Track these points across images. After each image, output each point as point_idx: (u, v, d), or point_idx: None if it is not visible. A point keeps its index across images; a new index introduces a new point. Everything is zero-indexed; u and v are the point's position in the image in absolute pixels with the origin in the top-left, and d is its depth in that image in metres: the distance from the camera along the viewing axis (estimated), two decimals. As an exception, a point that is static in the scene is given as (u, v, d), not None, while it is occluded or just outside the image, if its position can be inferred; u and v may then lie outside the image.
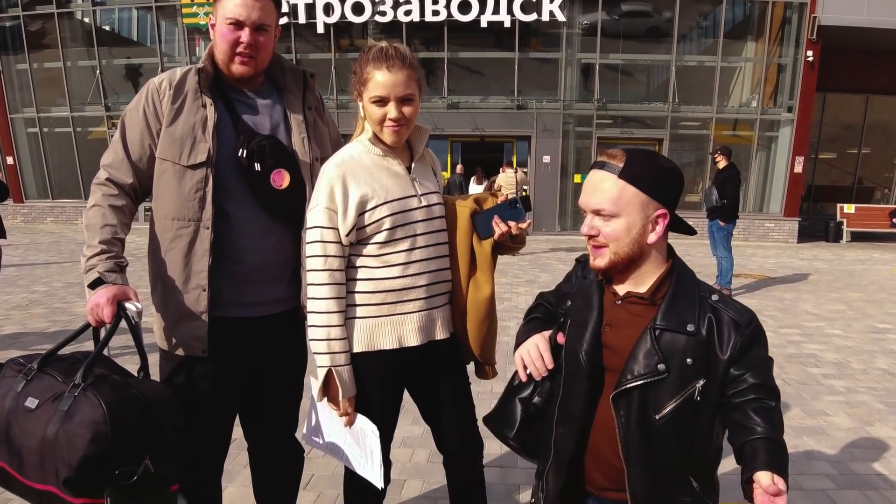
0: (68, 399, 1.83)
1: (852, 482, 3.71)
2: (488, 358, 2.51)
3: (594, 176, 1.74)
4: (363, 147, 2.29)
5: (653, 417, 1.68)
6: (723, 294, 1.78)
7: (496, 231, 2.36)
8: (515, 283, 10.50)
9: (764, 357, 1.70)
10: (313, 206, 2.22)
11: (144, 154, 2.25)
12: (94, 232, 2.14)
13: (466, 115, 18.50)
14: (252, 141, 2.26)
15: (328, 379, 2.23)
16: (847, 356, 6.45)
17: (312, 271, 2.20)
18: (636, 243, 1.72)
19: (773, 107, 18.66)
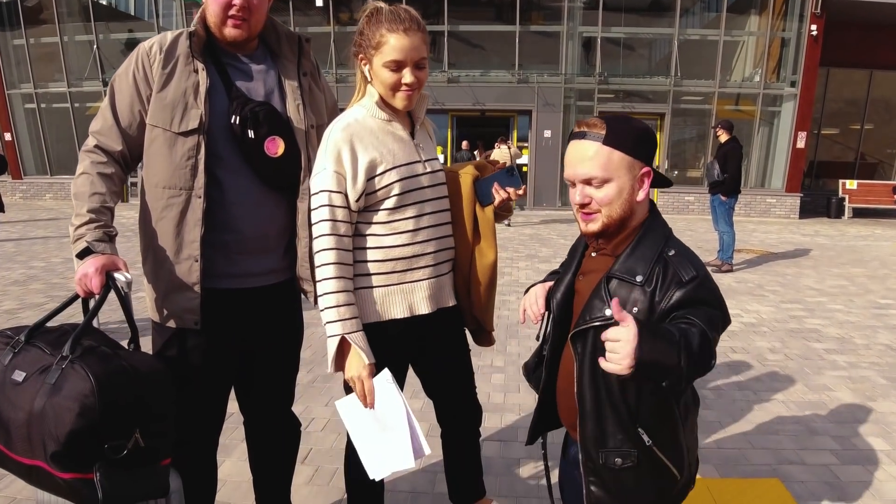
0: (56, 371, 1.77)
1: (855, 457, 3.67)
2: (490, 324, 2.50)
3: (578, 146, 1.77)
4: (367, 111, 2.22)
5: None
6: (683, 250, 1.78)
7: (496, 198, 2.36)
8: (516, 258, 10.44)
9: (707, 307, 1.66)
10: (320, 170, 2.14)
11: (134, 120, 2.17)
12: (83, 200, 2.07)
13: (467, 89, 18.37)
14: (245, 107, 2.18)
15: (341, 348, 2.14)
16: (849, 331, 6.41)
17: (320, 237, 2.12)
18: (627, 203, 1.77)
19: (775, 81, 18.51)
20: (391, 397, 2.21)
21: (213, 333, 2.24)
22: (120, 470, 1.78)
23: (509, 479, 3.39)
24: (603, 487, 1.81)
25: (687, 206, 18.65)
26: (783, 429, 4.05)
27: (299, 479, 3.29)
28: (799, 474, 3.47)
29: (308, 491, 3.23)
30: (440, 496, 3.13)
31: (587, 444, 1.80)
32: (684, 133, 19.36)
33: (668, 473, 1.79)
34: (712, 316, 1.66)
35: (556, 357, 1.99)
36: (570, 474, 2.05)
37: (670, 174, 19.01)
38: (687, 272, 1.69)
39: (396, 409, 2.22)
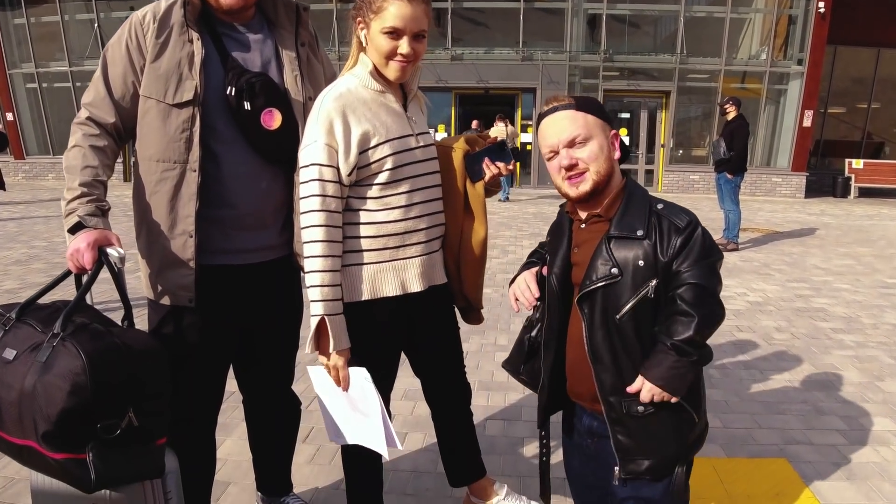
0: (47, 349, 1.72)
1: (863, 438, 3.62)
2: (479, 301, 2.47)
3: (555, 117, 1.93)
4: (360, 81, 2.13)
5: (613, 318, 1.86)
6: (668, 203, 1.93)
7: (487, 173, 2.31)
8: (520, 237, 10.38)
9: (702, 254, 1.82)
10: (310, 142, 2.05)
11: (127, 92, 2.10)
12: (74, 174, 2.01)
13: (470, 66, 18.22)
14: (241, 78, 2.11)
15: (320, 328, 2.08)
16: (856, 311, 6.35)
17: (309, 213, 2.04)
18: (608, 161, 1.92)
19: (782, 59, 18.34)
20: (367, 394, 2.17)
21: (209, 311, 2.18)
22: (113, 450, 1.74)
23: (513, 459, 3.35)
24: (628, 435, 1.91)
25: (692, 184, 18.53)
26: (790, 408, 4.00)
27: (301, 458, 3.26)
28: (806, 454, 3.42)
29: (309, 470, 3.19)
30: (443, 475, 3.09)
31: (608, 397, 1.90)
32: (689, 111, 19.21)
33: (688, 416, 1.91)
34: (712, 264, 1.83)
35: (561, 333, 2.03)
36: (579, 446, 2.15)
37: (675, 153, 18.89)
38: (681, 219, 1.85)
39: (371, 404, 2.18)
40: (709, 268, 1.82)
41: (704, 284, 1.79)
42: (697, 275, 1.79)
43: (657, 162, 18.95)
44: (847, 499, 3.01)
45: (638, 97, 18.90)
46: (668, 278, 1.83)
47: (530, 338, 2.21)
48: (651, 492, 1.97)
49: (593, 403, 1.98)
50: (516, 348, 2.29)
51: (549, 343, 2.05)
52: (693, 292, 1.78)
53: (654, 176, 19.04)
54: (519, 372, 2.27)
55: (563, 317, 2.01)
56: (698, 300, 1.77)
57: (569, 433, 2.23)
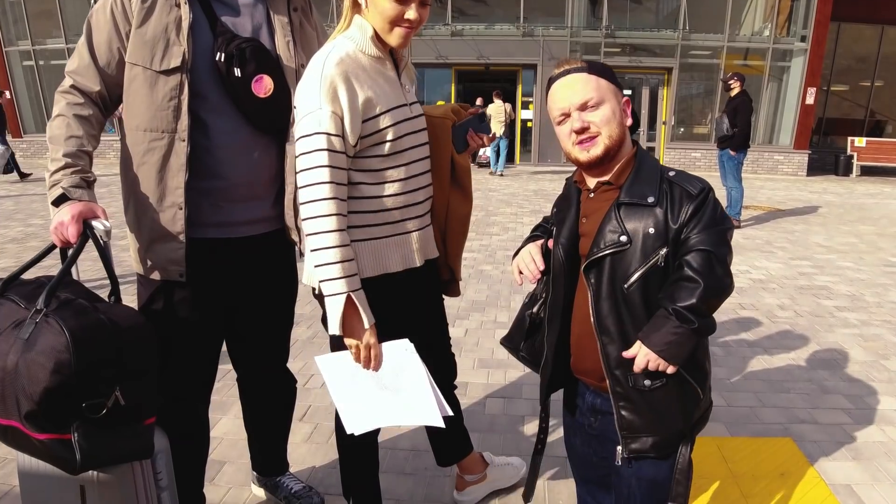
0: (30, 326, 1.65)
1: (869, 417, 3.57)
2: (459, 272, 2.42)
3: (567, 80, 1.86)
4: (357, 45, 1.99)
5: (621, 288, 1.80)
6: (680, 171, 1.87)
7: (472, 144, 2.26)
8: (520, 213, 10.27)
9: (713, 222, 1.76)
10: (312, 110, 1.88)
11: (113, 58, 2.01)
12: (58, 144, 1.92)
13: (471, 42, 18.02)
14: (231, 44, 2.01)
15: (347, 308, 1.94)
16: (860, 289, 6.28)
17: (314, 185, 1.88)
18: (620, 126, 1.86)
19: (785, 36, 18.15)
20: (408, 365, 2.07)
21: (200, 286, 2.11)
22: (100, 430, 1.67)
23: (514, 437, 3.29)
24: (634, 411, 1.86)
25: (693, 161, 18.41)
26: (794, 387, 3.94)
27: (297, 436, 3.20)
28: (811, 434, 3.37)
29: (306, 449, 3.14)
30: (442, 455, 3.04)
31: (614, 370, 1.84)
32: (692, 88, 19.04)
33: (693, 392, 1.86)
34: (722, 232, 1.76)
35: (566, 307, 1.96)
36: (582, 425, 2.10)
37: (677, 130, 18.76)
38: (694, 186, 1.79)
39: (415, 375, 2.08)
40: (719, 235, 1.75)
41: (713, 251, 1.72)
42: (706, 241, 1.73)
43: (659, 139, 18.82)
44: (853, 479, 2.96)
45: (640, 74, 18.73)
46: (677, 246, 1.77)
47: (531, 314, 2.14)
48: (656, 471, 1.92)
49: (598, 380, 1.92)
50: (516, 325, 2.21)
51: (554, 317, 1.99)
52: (701, 258, 1.71)
53: (655, 153, 18.92)
54: (519, 349, 2.20)
55: (570, 290, 1.95)
56: (706, 267, 1.70)
57: (571, 411, 2.17)
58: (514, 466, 2.81)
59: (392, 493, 2.74)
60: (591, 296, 1.84)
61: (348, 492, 2.45)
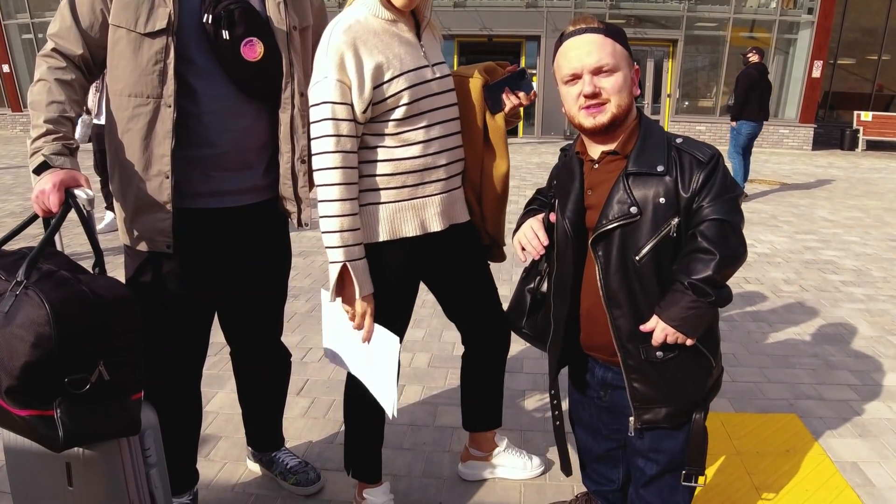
0: (9, 299, 1.58)
1: (875, 392, 3.52)
2: (502, 238, 2.35)
3: (582, 39, 1.77)
4: (369, 10, 1.96)
5: (633, 259, 1.77)
6: (687, 138, 1.83)
7: (508, 104, 2.15)
8: (523, 187, 10.20)
9: (724, 189, 1.73)
10: (320, 79, 1.90)
11: (96, 20, 1.91)
12: (40, 110, 1.84)
13: (474, 13, 17.81)
14: (219, 5, 1.92)
15: (343, 275, 1.97)
16: (866, 263, 6.20)
17: (322, 154, 1.91)
18: (630, 95, 1.80)
19: (792, 8, 17.90)
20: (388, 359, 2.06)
21: (189, 257, 2.04)
22: (84, 406, 1.61)
23: (514, 412, 3.23)
24: (646, 383, 1.85)
25: (698, 135, 18.25)
26: (800, 362, 3.88)
27: (294, 411, 3.16)
28: (817, 409, 3.32)
29: (304, 423, 3.09)
30: (441, 429, 2.99)
31: (626, 343, 1.83)
32: (697, 61, 18.83)
33: (706, 361, 1.85)
34: (733, 199, 1.73)
35: (576, 280, 1.93)
36: (591, 399, 2.11)
37: (682, 103, 18.61)
38: (703, 153, 1.75)
39: (388, 369, 2.07)
40: (731, 203, 1.73)
41: (728, 220, 1.70)
42: (720, 210, 1.70)
43: (663, 112, 18.65)
44: (859, 456, 2.91)
45: (644, 46, 18.50)
46: (689, 215, 1.74)
47: (531, 289, 2.11)
48: (671, 443, 1.92)
49: (609, 355, 1.91)
50: (515, 302, 2.18)
51: (561, 292, 1.94)
52: (715, 228, 1.69)
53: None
54: (520, 327, 2.17)
55: (578, 264, 1.91)
56: (720, 237, 1.68)
57: (580, 387, 2.15)
58: (528, 460, 2.72)
59: (391, 466, 2.70)
60: (600, 270, 1.81)
61: (350, 464, 2.40)
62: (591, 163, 1.90)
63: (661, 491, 2.00)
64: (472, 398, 2.57)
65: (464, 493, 2.62)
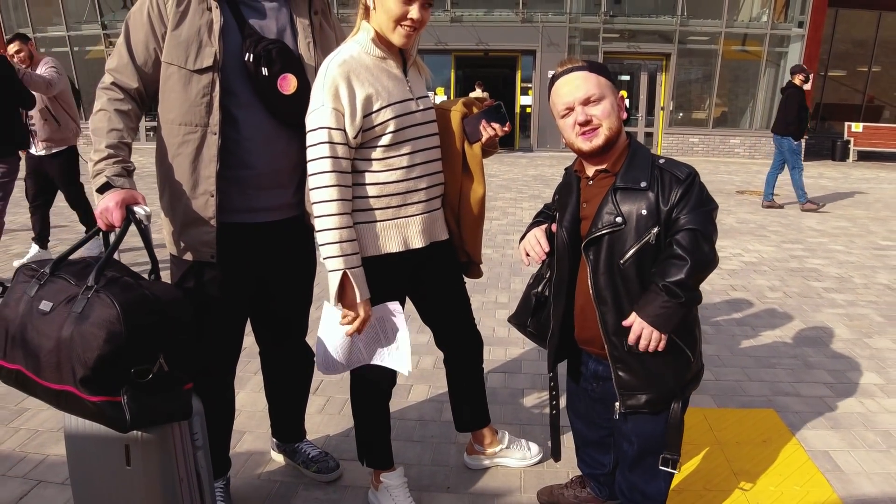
0: (82, 301, 1.85)
1: (849, 390, 3.78)
2: (478, 256, 2.61)
3: (570, 78, 2.10)
4: (361, 47, 2.24)
5: (618, 262, 2.04)
6: (668, 158, 2.11)
7: (484, 135, 2.43)
8: (519, 199, 10.47)
9: (699, 203, 2.00)
10: (317, 107, 2.17)
11: (149, 58, 2.20)
12: (101, 136, 2.12)
13: (470, 28, 18.12)
14: (259, 45, 2.21)
15: (343, 283, 2.21)
16: (849, 271, 6.49)
17: (319, 174, 2.16)
18: (618, 119, 2.10)
19: (783, 21, 18.24)
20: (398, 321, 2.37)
21: (228, 266, 2.31)
22: (146, 393, 1.87)
23: (514, 408, 3.51)
24: (629, 372, 2.11)
25: (692, 147, 18.58)
26: (780, 362, 4.16)
27: (311, 408, 3.40)
28: (793, 405, 3.59)
29: (320, 419, 3.36)
30: (447, 423, 3.24)
31: (611, 336, 2.10)
32: (690, 74, 19.15)
33: (684, 356, 2.11)
34: (708, 212, 2.00)
35: (571, 282, 2.21)
36: (585, 390, 2.39)
37: (675, 116, 18.90)
38: (681, 171, 2.03)
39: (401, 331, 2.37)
40: (705, 215, 1.99)
41: (700, 230, 1.96)
42: (694, 220, 1.97)
43: (657, 124, 18.96)
44: (830, 445, 3.17)
45: (638, 59, 18.84)
46: (668, 225, 2.00)
47: (537, 293, 2.39)
48: (651, 426, 2.17)
49: (599, 348, 2.17)
50: (523, 303, 2.47)
51: (559, 292, 2.22)
52: (689, 237, 1.95)
53: (653, 138, 19.06)
54: (526, 326, 2.46)
55: (573, 268, 2.19)
56: (693, 245, 1.94)
57: (575, 379, 2.43)
58: (527, 450, 2.99)
59: (401, 457, 2.95)
60: (590, 270, 2.09)
61: (363, 455, 2.66)
62: (586, 179, 2.19)
63: (643, 473, 2.26)
64: (456, 400, 2.87)
65: (469, 479, 2.88)
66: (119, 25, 19.27)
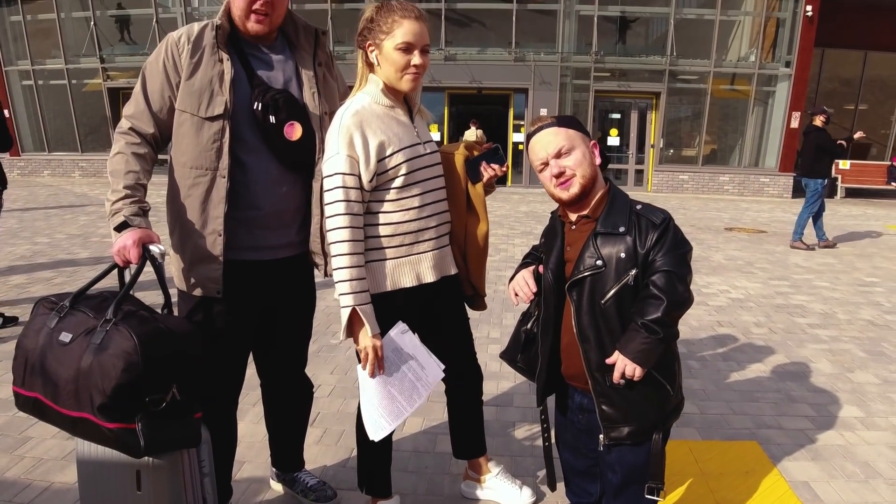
0: (101, 333, 1.97)
1: (830, 423, 3.91)
2: (483, 289, 2.77)
3: (541, 135, 2.27)
4: (372, 98, 2.43)
5: (600, 303, 2.17)
6: (646, 204, 2.24)
7: (485, 175, 2.62)
8: (512, 235, 10.65)
9: (674, 246, 2.13)
10: (333, 154, 2.33)
11: (165, 105, 2.36)
12: (119, 177, 2.26)
13: (464, 66, 18.44)
14: (266, 95, 2.38)
15: (352, 318, 2.35)
16: (833, 307, 6.64)
17: (335, 216, 2.31)
18: (591, 166, 2.24)
19: (771, 61, 18.62)
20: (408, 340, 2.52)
21: (234, 301, 2.45)
22: (159, 421, 1.99)
23: (506, 440, 3.62)
24: (612, 405, 2.23)
25: (681, 184, 18.84)
26: (763, 396, 4.28)
27: (309, 439, 3.50)
28: (776, 437, 3.71)
29: (318, 450, 3.46)
30: (441, 455, 3.35)
31: (594, 372, 2.22)
32: (679, 112, 19.49)
33: (663, 389, 2.23)
34: (682, 254, 2.14)
35: (557, 321, 2.33)
36: (572, 421, 2.49)
37: (665, 153, 19.18)
38: (657, 217, 2.17)
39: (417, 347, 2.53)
40: (679, 257, 2.12)
41: (675, 271, 2.09)
42: (669, 263, 2.10)
43: (647, 162, 19.23)
44: (811, 476, 3.29)
45: (628, 98, 19.16)
46: (645, 267, 2.13)
47: (526, 330, 2.50)
48: (634, 457, 2.28)
49: (583, 383, 2.30)
50: (513, 340, 2.59)
51: (546, 330, 2.34)
52: (664, 278, 2.08)
53: (644, 176, 19.33)
54: (516, 361, 2.57)
55: (559, 307, 2.31)
56: (668, 285, 2.07)
57: (563, 411, 2.55)
58: (516, 489, 3.04)
59: (397, 487, 3.04)
60: (574, 310, 2.22)
61: (363, 482, 2.78)
62: (569, 224, 2.33)
63: (627, 502, 2.36)
64: (456, 429, 3.01)
65: (462, 508, 2.99)
66: (117, 59, 19.53)
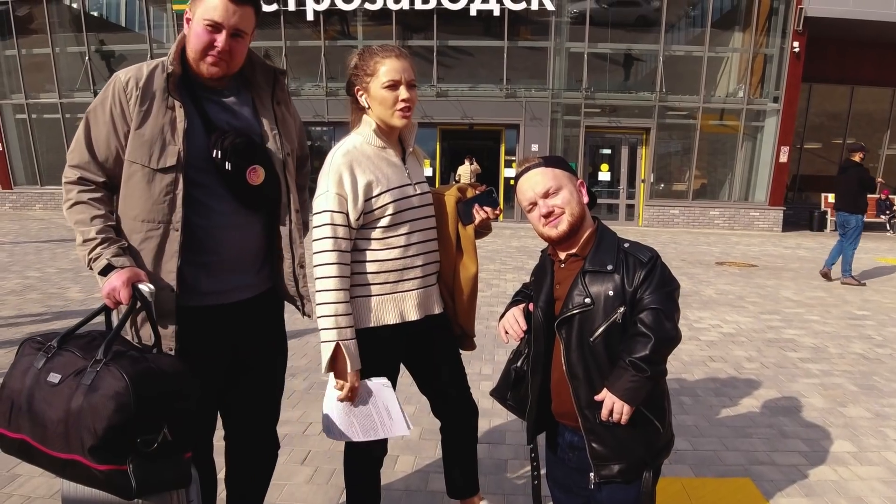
0: (91, 373, 1.96)
1: (823, 458, 3.90)
2: (472, 330, 2.79)
3: (528, 176, 2.30)
4: (364, 139, 2.48)
5: (588, 340, 2.17)
6: (633, 242, 2.26)
7: (477, 217, 2.65)
8: (503, 270, 10.68)
9: (661, 283, 2.14)
10: (322, 192, 2.38)
11: (111, 155, 2.25)
12: (86, 225, 2.20)
13: (455, 103, 18.60)
14: (225, 140, 2.28)
15: (336, 353, 2.37)
16: (824, 341, 6.66)
17: (322, 252, 2.35)
18: (579, 204, 2.26)
19: (759, 97, 18.87)
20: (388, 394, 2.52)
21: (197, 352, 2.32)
22: (150, 462, 1.97)
23: (497, 479, 3.60)
24: (601, 443, 2.22)
25: (672, 219, 18.94)
26: (756, 432, 4.28)
27: (300, 477, 3.50)
28: (769, 474, 3.70)
29: (308, 489, 3.43)
30: (432, 494, 3.33)
31: (584, 409, 2.21)
32: (669, 147, 19.68)
33: (653, 426, 2.21)
34: (669, 292, 2.15)
35: (547, 359, 2.33)
36: (562, 459, 2.46)
37: (656, 188, 19.32)
38: (644, 255, 2.18)
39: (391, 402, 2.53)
40: (667, 295, 2.13)
41: (662, 309, 2.10)
42: (656, 300, 2.10)
43: (638, 197, 19.35)
44: (804, 513, 3.28)
45: (619, 133, 19.33)
46: (633, 305, 2.14)
47: (516, 368, 2.50)
48: (624, 495, 2.27)
49: (573, 421, 2.28)
50: (503, 378, 2.59)
51: (536, 368, 2.34)
52: (652, 316, 2.09)
53: (635, 210, 19.44)
54: (506, 399, 2.57)
55: (549, 345, 2.32)
56: (656, 323, 2.08)
57: (553, 449, 2.53)
58: None
59: (388, 527, 3.04)
60: (563, 348, 2.22)
61: None
62: (559, 262, 2.35)
63: None
64: (450, 467, 2.98)
65: (454, 547, 2.96)
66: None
